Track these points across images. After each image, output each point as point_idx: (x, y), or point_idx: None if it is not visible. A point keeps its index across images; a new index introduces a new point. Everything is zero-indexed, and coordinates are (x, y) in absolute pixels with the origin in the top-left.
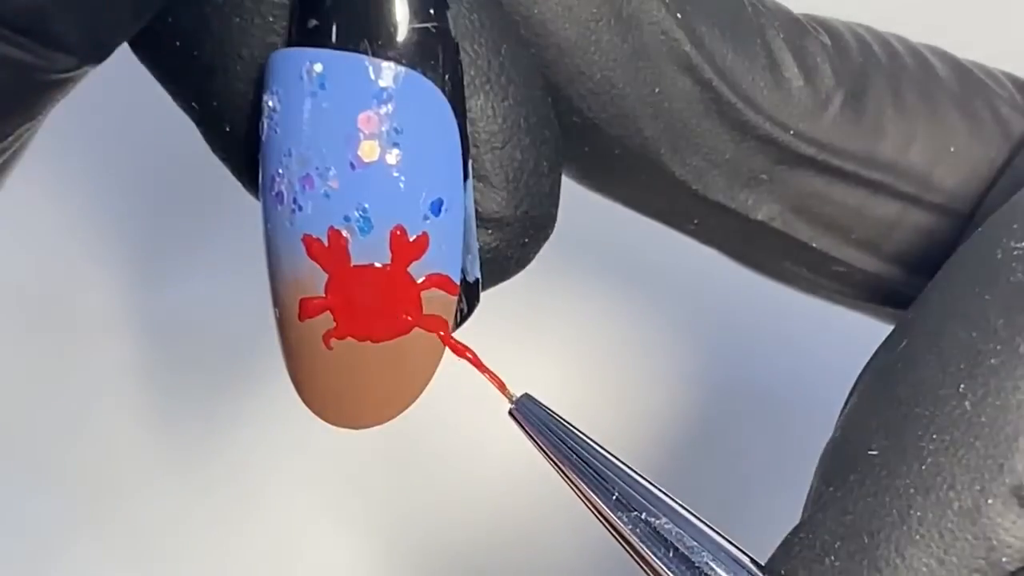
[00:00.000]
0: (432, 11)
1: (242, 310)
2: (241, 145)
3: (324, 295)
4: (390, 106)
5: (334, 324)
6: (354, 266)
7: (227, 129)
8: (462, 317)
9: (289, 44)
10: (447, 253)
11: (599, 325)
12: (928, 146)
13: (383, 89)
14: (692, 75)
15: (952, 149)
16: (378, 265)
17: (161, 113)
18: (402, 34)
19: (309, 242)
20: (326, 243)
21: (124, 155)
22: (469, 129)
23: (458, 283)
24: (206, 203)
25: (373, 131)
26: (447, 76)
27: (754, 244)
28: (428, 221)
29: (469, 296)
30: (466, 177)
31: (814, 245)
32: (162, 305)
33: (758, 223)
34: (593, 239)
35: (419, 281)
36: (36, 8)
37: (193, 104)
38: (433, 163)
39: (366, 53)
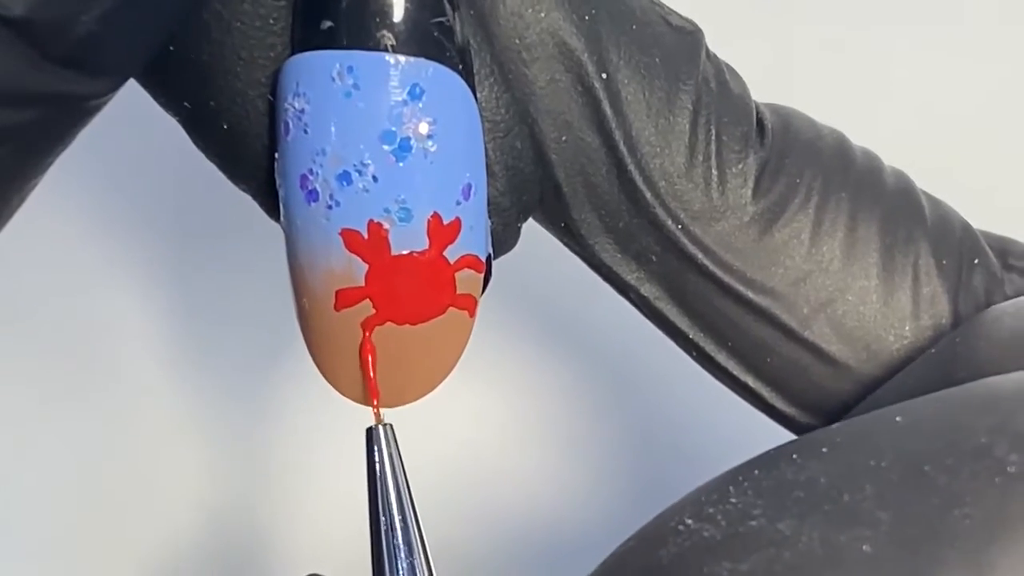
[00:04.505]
0: (445, 4)
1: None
2: (240, 143)
3: (363, 285)
4: (423, 100)
5: (374, 311)
6: (394, 255)
7: (224, 127)
8: (482, 291)
9: (294, 45)
10: (476, 234)
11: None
12: (823, 289)
13: (415, 84)
14: (602, 135)
15: (849, 298)
16: (417, 252)
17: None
18: (420, 29)
19: (348, 235)
20: (365, 236)
21: (138, 158)
22: None
23: (484, 261)
24: (226, 206)
25: (409, 125)
26: (460, 67)
27: (644, 310)
28: (460, 205)
29: (487, 271)
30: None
31: (692, 338)
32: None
33: (642, 296)
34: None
35: (453, 263)
36: (90, 38)
37: (185, 104)
38: (463, 150)
39: (387, 51)
